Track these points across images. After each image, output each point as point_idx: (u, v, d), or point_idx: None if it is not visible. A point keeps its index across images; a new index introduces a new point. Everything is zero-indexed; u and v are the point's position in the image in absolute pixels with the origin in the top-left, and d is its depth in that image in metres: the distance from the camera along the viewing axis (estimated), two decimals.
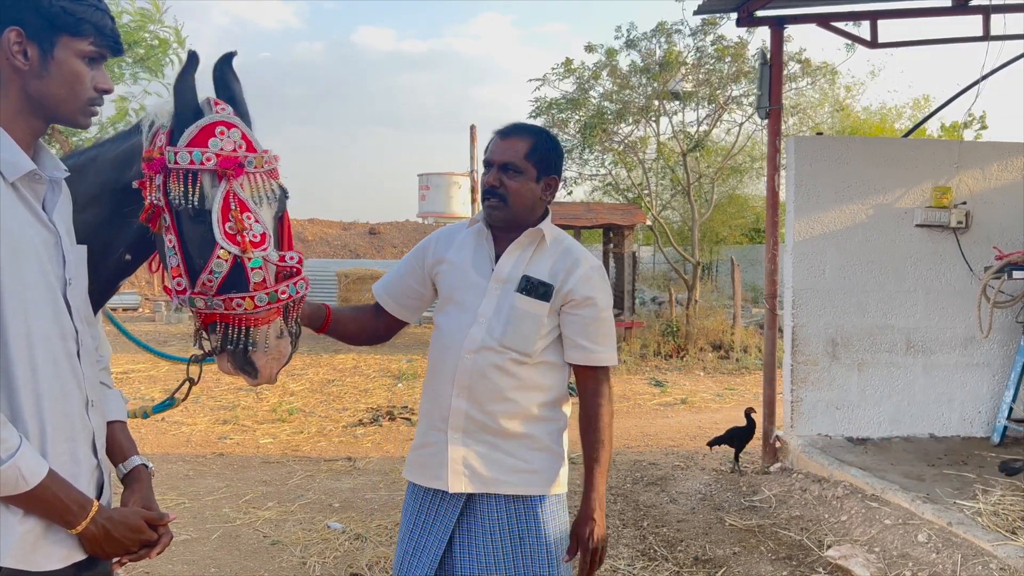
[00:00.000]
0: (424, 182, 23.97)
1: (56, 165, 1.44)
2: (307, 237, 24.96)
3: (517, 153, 2.02)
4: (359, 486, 5.32)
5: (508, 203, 2.02)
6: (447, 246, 2.16)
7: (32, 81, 1.34)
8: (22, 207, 1.33)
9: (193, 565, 3.96)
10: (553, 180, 2.09)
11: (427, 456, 2.08)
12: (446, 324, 2.10)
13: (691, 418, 7.63)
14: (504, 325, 2.00)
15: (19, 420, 1.30)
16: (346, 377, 9.70)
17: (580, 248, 2.12)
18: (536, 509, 2.04)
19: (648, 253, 23.90)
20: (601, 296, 2.06)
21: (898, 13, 5.91)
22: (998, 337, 5.50)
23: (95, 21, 1.36)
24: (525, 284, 2.01)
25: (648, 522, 4.52)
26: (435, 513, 2.06)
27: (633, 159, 15.09)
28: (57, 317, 1.36)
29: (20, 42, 1.32)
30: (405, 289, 2.22)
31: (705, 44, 13.43)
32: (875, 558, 3.77)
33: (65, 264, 1.40)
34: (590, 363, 2.06)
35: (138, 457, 1.58)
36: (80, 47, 1.35)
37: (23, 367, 1.30)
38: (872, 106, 19.69)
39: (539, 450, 2.05)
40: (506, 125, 2.10)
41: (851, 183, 5.45)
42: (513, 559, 2.01)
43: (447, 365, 2.04)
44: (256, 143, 1.62)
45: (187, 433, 6.85)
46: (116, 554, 1.41)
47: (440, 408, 2.05)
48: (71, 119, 1.40)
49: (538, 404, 2.05)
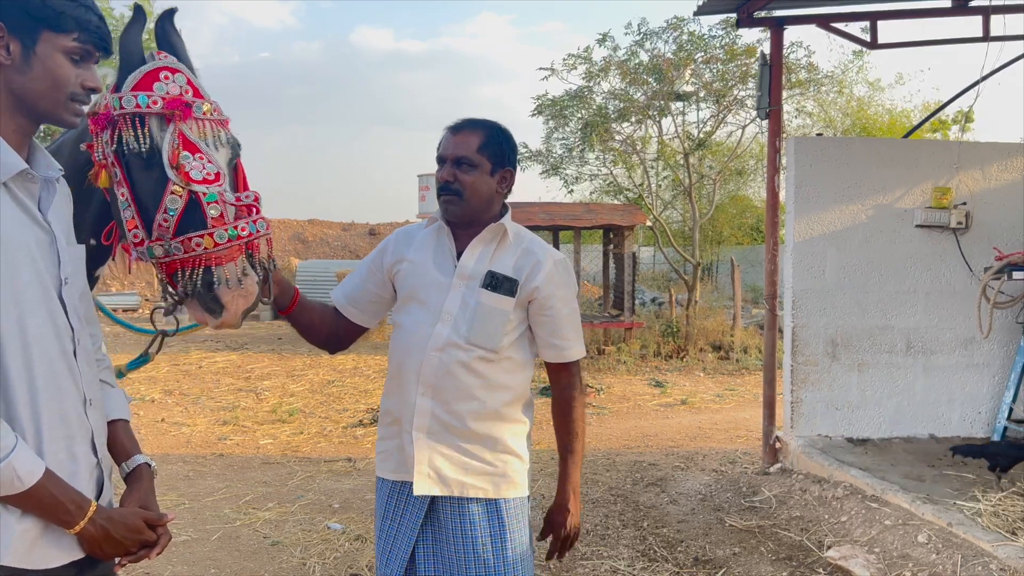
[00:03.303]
0: (424, 182, 23.92)
1: (50, 165, 1.44)
2: (307, 237, 24.95)
3: (469, 147, 2.01)
4: (359, 487, 5.32)
5: (464, 197, 2.01)
6: (406, 245, 2.13)
7: (15, 77, 1.34)
8: (15, 207, 1.33)
9: (193, 566, 3.96)
10: (508, 173, 2.08)
11: (392, 454, 2.09)
12: (409, 322, 2.07)
13: (691, 419, 7.63)
14: (470, 322, 1.99)
15: (14, 419, 1.30)
16: (346, 378, 9.70)
17: (542, 243, 2.12)
18: (501, 512, 2.03)
19: (648, 253, 23.89)
20: (567, 292, 2.08)
21: (898, 14, 5.92)
22: (998, 337, 5.50)
23: (78, 16, 1.35)
24: (490, 280, 2.00)
25: (648, 523, 4.52)
26: (403, 510, 2.06)
27: (634, 159, 15.08)
28: (52, 316, 1.36)
29: (2, 36, 1.32)
30: (364, 294, 2.18)
31: (712, 46, 13.37)
32: (875, 558, 3.76)
33: (60, 263, 1.39)
34: (562, 360, 2.09)
35: (141, 456, 1.58)
36: (63, 43, 1.35)
37: (17, 366, 1.30)
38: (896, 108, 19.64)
39: (504, 452, 2.04)
40: (457, 120, 2.09)
41: (851, 183, 5.45)
42: (476, 562, 2.00)
43: (411, 364, 2.02)
44: (202, 89, 1.62)
45: (187, 434, 6.85)
46: (115, 555, 1.41)
47: (405, 408, 2.03)
48: (54, 116, 1.39)
49: (504, 404, 2.04)
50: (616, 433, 6.97)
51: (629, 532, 4.36)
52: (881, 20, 5.91)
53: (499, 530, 2.03)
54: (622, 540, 4.25)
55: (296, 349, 12.15)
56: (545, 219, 11.55)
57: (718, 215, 17.82)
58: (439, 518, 2.03)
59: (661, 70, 13.36)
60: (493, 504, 2.03)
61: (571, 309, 2.09)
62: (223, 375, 9.84)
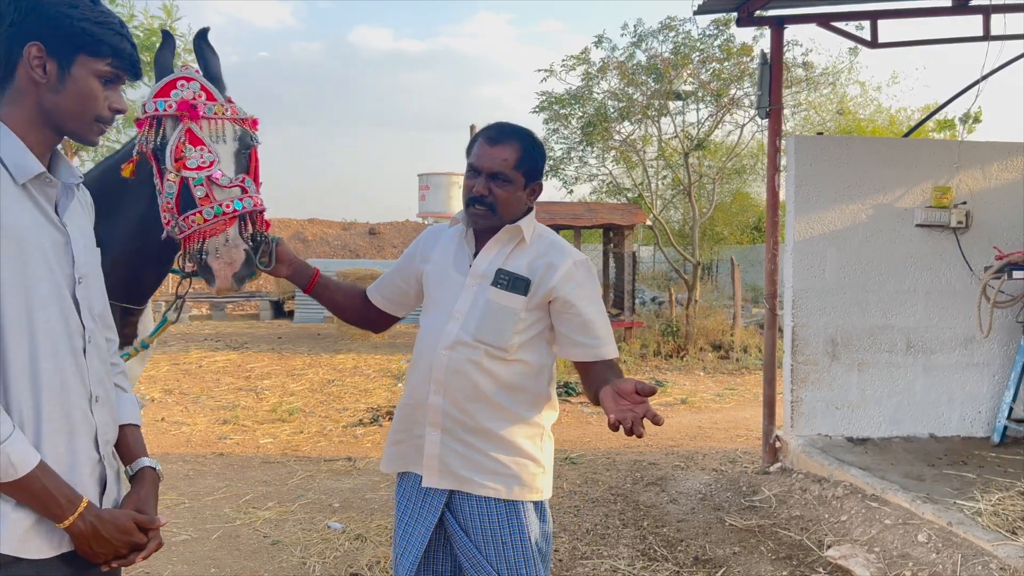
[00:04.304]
0: (424, 182, 23.92)
1: (71, 172, 1.51)
2: (307, 237, 24.92)
3: (507, 163, 1.99)
4: (359, 486, 5.32)
5: (496, 212, 2.01)
6: (433, 245, 2.18)
7: (48, 95, 1.41)
8: (31, 207, 1.39)
9: (193, 565, 3.96)
10: (538, 186, 2.08)
11: (405, 450, 2.09)
12: (425, 323, 2.10)
13: (691, 418, 7.63)
14: (479, 320, 1.99)
15: (13, 409, 1.34)
16: (346, 377, 9.69)
17: (562, 244, 2.09)
18: (519, 515, 2.02)
19: (648, 253, 23.88)
20: (590, 291, 2.04)
21: (898, 13, 5.91)
22: (998, 337, 5.50)
23: (114, 44, 1.44)
24: (500, 278, 2.00)
25: (648, 522, 4.52)
26: (418, 511, 2.06)
27: (634, 158, 15.07)
28: (64, 313, 1.41)
29: (40, 57, 1.39)
30: (390, 285, 2.26)
31: (708, 44, 13.37)
32: (875, 558, 3.77)
33: (75, 263, 1.45)
34: (591, 358, 2.03)
35: (146, 459, 1.62)
36: (97, 67, 1.43)
37: (21, 358, 1.34)
38: (892, 108, 19.65)
39: (516, 454, 2.03)
40: (493, 128, 2.05)
41: (851, 183, 5.45)
42: (494, 563, 2.00)
43: (424, 362, 2.05)
44: (216, 93, 1.91)
45: (187, 433, 6.85)
46: (105, 555, 1.43)
47: (418, 405, 2.05)
48: (79, 134, 1.47)
49: (515, 405, 2.02)
50: (616, 432, 6.96)
51: (629, 531, 4.36)
52: (881, 19, 5.91)
53: (518, 531, 2.01)
54: (622, 539, 4.25)
55: (296, 349, 12.15)
56: (545, 218, 11.53)
57: (718, 214, 17.81)
58: (458, 518, 2.03)
59: (659, 70, 13.35)
60: (512, 506, 2.02)
61: (598, 309, 2.05)
62: (223, 374, 9.83)
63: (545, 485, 2.10)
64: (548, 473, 2.12)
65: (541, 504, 2.09)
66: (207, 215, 1.85)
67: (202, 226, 1.85)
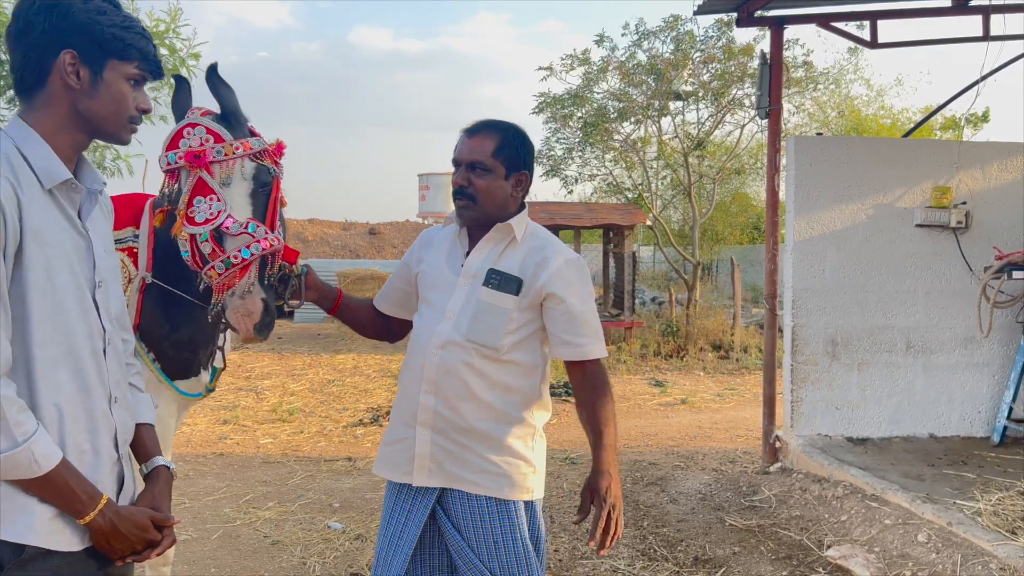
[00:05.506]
0: (424, 182, 23.93)
1: (95, 178, 1.56)
2: (307, 237, 24.93)
3: (484, 151, 2.01)
4: (359, 486, 5.32)
5: (477, 202, 2.02)
6: (427, 247, 2.19)
7: (82, 99, 1.46)
8: (57, 212, 1.43)
9: (193, 565, 3.96)
10: (524, 176, 2.07)
11: (396, 452, 2.09)
12: (418, 323, 2.12)
13: (691, 418, 7.63)
14: (470, 320, 1.99)
15: (37, 408, 1.37)
16: (346, 377, 9.70)
17: (555, 242, 2.09)
18: (511, 514, 2.02)
19: (648, 253, 23.87)
20: (581, 290, 2.04)
21: (898, 13, 5.91)
22: (998, 337, 5.50)
23: (141, 47, 1.50)
24: (491, 278, 2.00)
25: (648, 522, 4.52)
26: (409, 509, 2.06)
27: (634, 158, 15.07)
28: (85, 315, 1.45)
29: (74, 63, 1.44)
30: (394, 290, 2.28)
31: (710, 44, 13.36)
32: (875, 558, 3.77)
33: (96, 267, 1.49)
34: (578, 357, 2.03)
35: (160, 458, 1.66)
36: (126, 70, 1.49)
37: (45, 360, 1.38)
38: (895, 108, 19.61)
39: (507, 454, 2.03)
40: (473, 123, 2.08)
41: (851, 183, 5.45)
42: (486, 563, 2.00)
43: (416, 362, 2.05)
44: (224, 133, 1.91)
45: (187, 433, 6.85)
46: (121, 551, 1.46)
47: (409, 405, 2.05)
48: (114, 135, 1.53)
49: (506, 405, 2.02)
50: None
51: (629, 531, 4.36)
52: (881, 20, 5.91)
53: (510, 530, 2.01)
54: (622, 539, 4.26)
55: (296, 349, 12.15)
56: (545, 218, 11.54)
57: (718, 214, 17.79)
58: (450, 517, 2.03)
59: (659, 70, 13.35)
60: (504, 505, 2.02)
61: (587, 308, 2.05)
62: (223, 374, 9.82)
63: (536, 485, 2.10)
64: (540, 473, 2.11)
65: (532, 504, 2.09)
66: (219, 269, 1.88)
67: (218, 280, 1.88)
